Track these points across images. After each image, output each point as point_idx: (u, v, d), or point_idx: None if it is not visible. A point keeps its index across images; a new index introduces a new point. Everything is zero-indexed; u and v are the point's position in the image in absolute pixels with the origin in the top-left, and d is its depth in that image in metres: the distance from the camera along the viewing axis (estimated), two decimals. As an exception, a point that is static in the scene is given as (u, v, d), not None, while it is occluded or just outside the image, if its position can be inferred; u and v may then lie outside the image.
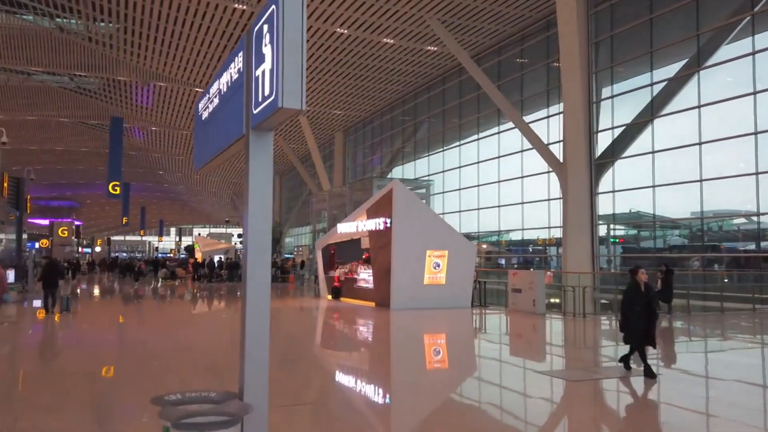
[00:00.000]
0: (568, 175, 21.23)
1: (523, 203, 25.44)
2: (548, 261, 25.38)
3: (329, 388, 8.05)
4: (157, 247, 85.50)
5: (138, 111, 38.63)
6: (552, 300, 20.40)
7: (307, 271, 33.19)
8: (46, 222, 53.25)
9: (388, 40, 26.32)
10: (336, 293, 20.40)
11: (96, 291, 26.19)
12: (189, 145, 45.91)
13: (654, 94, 20.13)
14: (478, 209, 28.24)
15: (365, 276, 18.95)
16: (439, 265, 17.35)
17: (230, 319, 16.46)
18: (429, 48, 27.18)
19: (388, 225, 16.97)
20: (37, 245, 43.68)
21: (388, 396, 7.50)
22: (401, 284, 16.89)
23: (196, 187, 64.67)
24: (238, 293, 25.13)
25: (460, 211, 29.50)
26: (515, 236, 27.42)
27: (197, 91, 33.87)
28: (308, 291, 25.90)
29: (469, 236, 28.71)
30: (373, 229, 17.79)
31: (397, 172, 34.84)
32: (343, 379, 8.70)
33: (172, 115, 38.34)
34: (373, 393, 7.66)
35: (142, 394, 6.60)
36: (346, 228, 19.68)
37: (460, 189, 29.53)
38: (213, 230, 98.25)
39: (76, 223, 58.62)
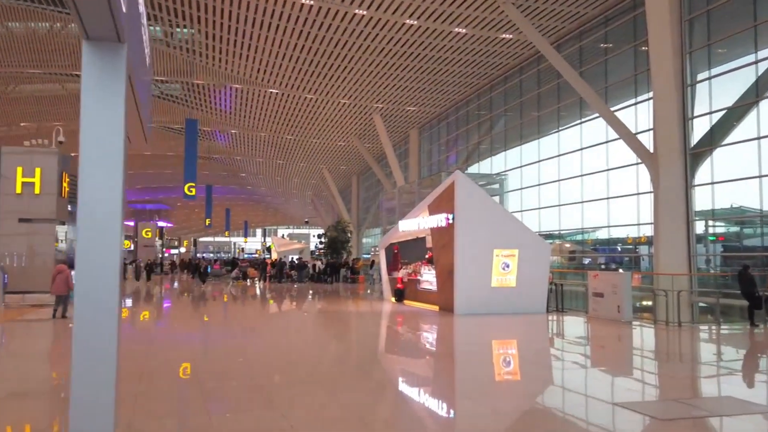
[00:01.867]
0: (660, 166, 19.06)
1: (608, 198, 23.28)
2: (639, 261, 23.06)
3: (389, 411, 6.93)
4: (242, 248, 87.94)
5: (218, 114, 39.42)
6: (642, 303, 18.39)
7: (376, 272, 32.43)
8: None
9: (461, 30, 24.98)
10: (399, 295, 19.27)
11: (159, 291, 26.45)
12: (268, 147, 46.49)
13: (759, 73, 17.58)
14: (559, 206, 26.24)
15: (429, 277, 17.70)
16: (508, 266, 15.81)
17: (287, 321, 15.76)
18: (504, 36, 25.57)
19: (450, 221, 15.64)
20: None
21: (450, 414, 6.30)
22: (466, 287, 15.50)
23: (277, 188, 65.75)
24: (310, 294, 24.69)
25: (539, 208, 27.59)
26: (601, 234, 25.22)
27: (272, 92, 33.99)
28: (375, 292, 24.97)
29: (550, 235, 26.87)
30: (435, 226, 16.51)
31: (473, 169, 33.30)
32: (401, 403, 7.24)
33: (249, 117, 38.82)
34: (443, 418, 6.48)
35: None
36: (407, 225, 18.51)
37: (539, 185, 27.62)
38: (295, 231, 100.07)
39: (160, 224, 61.10)
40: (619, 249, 24.58)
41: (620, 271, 19.67)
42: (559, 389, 7.95)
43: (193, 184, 30.45)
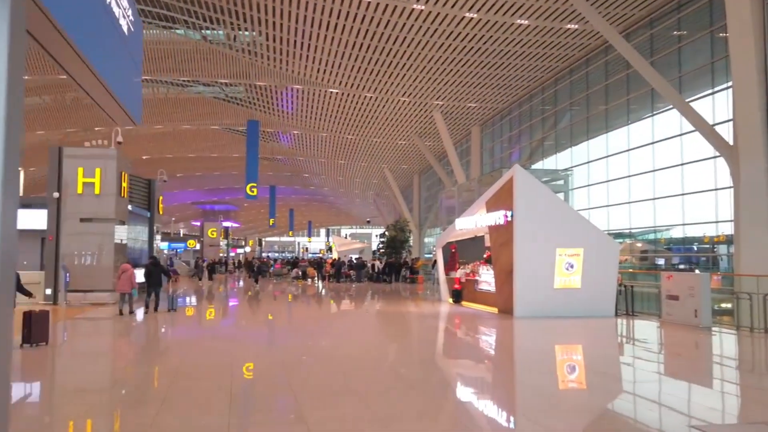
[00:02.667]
0: (741, 159, 17.59)
1: (683, 194, 21.81)
2: (717, 262, 21.48)
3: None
4: (306, 248, 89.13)
5: (281, 116, 39.90)
6: (721, 306, 17.04)
7: (437, 271, 31.86)
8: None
9: (523, 22, 24.06)
10: (456, 296, 18.65)
11: (215, 290, 26.73)
12: (329, 147, 46.72)
13: None
14: (629, 203, 24.86)
15: (487, 278, 17.00)
16: (572, 266, 14.94)
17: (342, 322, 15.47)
18: (569, 26, 24.44)
19: (509, 219, 14.92)
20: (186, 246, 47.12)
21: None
22: (526, 288, 14.74)
23: (340, 188, 66.12)
24: (366, 294, 24.43)
25: (608, 206, 26.26)
26: (676, 233, 23.70)
27: (332, 92, 34.04)
28: (433, 293, 24.38)
29: (620, 234, 25.53)
30: (493, 224, 15.80)
31: (538, 167, 32.17)
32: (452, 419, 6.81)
33: (310, 117, 39.07)
34: None
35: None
36: (464, 224, 17.85)
37: (607, 181, 26.29)
38: (358, 231, 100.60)
39: (225, 224, 62.59)
40: (695, 248, 23.01)
41: (697, 272, 18.32)
42: (628, 404, 7.21)
43: (255, 185, 30.82)
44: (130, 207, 20.00)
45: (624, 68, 24.46)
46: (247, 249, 79.12)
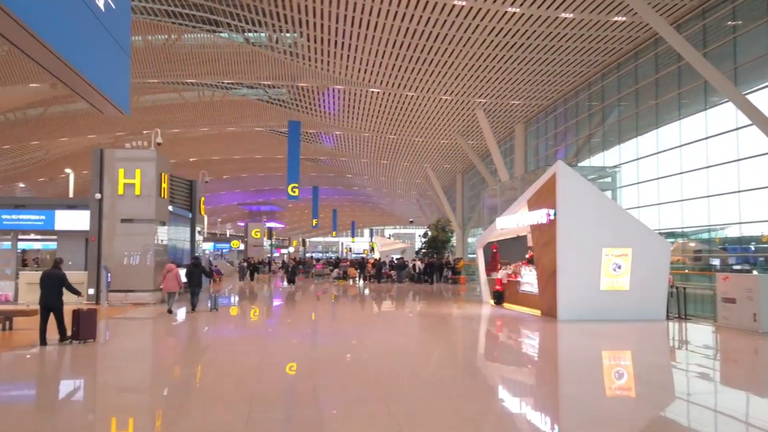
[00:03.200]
0: (803, 153, 16.53)
1: (739, 191, 20.69)
2: (777, 263, 20.30)
3: None
4: (350, 248, 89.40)
5: (323, 116, 40.04)
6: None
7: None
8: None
9: (568, 15, 23.33)
10: (498, 298, 18.14)
11: (254, 291, 26.91)
12: (372, 147, 46.66)
13: None
14: (682, 201, 23.79)
15: (529, 279, 16.44)
16: (620, 267, 14.28)
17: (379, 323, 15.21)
18: (617, 19, 23.57)
19: (552, 217, 14.35)
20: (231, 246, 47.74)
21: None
22: (570, 290, 14.17)
23: (383, 188, 65.99)
24: (406, 295, 24.15)
25: (659, 204, 25.21)
26: (732, 232, 22.53)
27: (373, 91, 33.90)
28: (474, 294, 23.86)
29: (671, 233, 24.48)
30: (535, 223, 15.25)
31: (585, 164, 31.20)
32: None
33: (352, 117, 39.06)
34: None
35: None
36: (505, 223, 17.31)
37: (658, 178, 25.23)
38: (401, 231, 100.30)
39: (269, 225, 63.31)
40: (753, 248, 21.81)
41: (755, 273, 17.29)
42: (681, 418, 6.70)
43: (296, 185, 30.94)
44: (170, 208, 20.23)
45: (675, 61, 23.43)
46: (291, 249, 79.88)
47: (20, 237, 19.40)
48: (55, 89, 34.94)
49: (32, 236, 19.94)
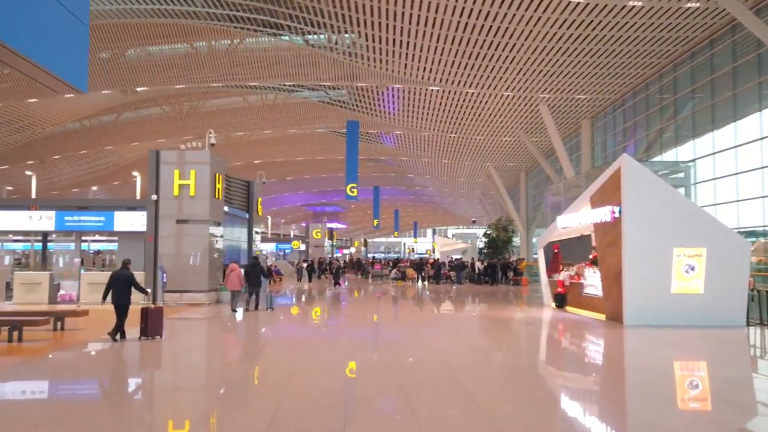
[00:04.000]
0: None
1: (830, 188, 18.97)
2: None
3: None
4: (412, 248, 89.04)
5: (383, 116, 39.92)
6: None
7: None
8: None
9: (636, 3, 22.11)
10: (560, 301, 17.29)
11: (310, 292, 27.04)
12: (432, 146, 46.18)
13: None
14: (764, 197, 22.07)
15: (593, 281, 15.55)
16: (693, 268, 13.25)
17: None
18: (690, 5, 22.13)
19: (617, 215, 13.47)
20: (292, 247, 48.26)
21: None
22: (637, 293, 13.25)
23: (444, 188, 65.31)
24: (464, 296, 23.57)
25: (737, 201, 23.52)
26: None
27: (433, 90, 33.46)
28: (536, 296, 22.94)
29: (752, 232, 22.78)
30: (599, 221, 14.38)
31: (657, 160, 29.61)
32: None
33: (412, 116, 38.75)
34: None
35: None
36: (567, 221, 16.47)
37: (737, 173, 23.55)
38: (465, 231, 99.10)
39: (331, 225, 63.75)
40: None
41: None
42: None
43: (355, 185, 30.88)
44: (226, 208, 20.45)
45: (754, 48, 21.77)
46: (352, 250, 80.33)
47: (83, 238, 20.12)
48: (125, 96, 36.40)
49: (97, 237, 20.68)
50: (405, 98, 35.58)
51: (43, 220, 18.86)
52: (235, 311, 16.70)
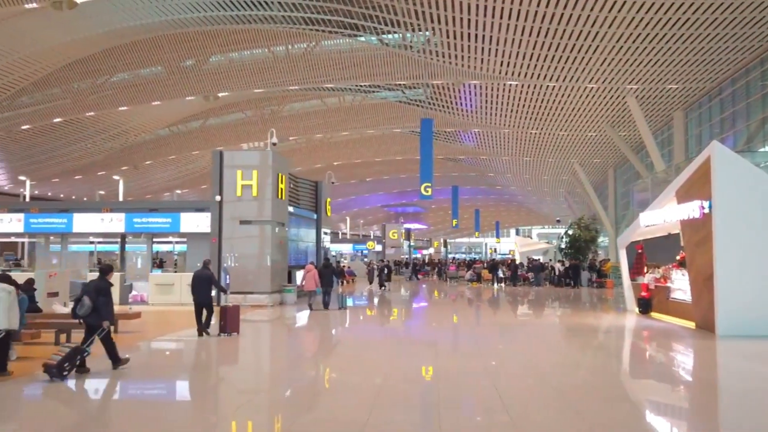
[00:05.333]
0: None
1: None
2: None
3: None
4: (494, 249, 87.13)
5: (461, 114, 39.17)
6: None
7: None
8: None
9: (735, -19, 20.22)
10: (644, 306, 15.91)
11: (381, 293, 26.84)
12: (512, 143, 44.85)
13: None
14: None
15: (681, 284, 14.14)
16: (798, 271, 11.70)
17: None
18: (797, -20, 19.97)
19: (706, 210, 12.11)
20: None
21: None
22: (732, 298, 11.85)
23: (527, 187, 63.37)
24: (541, 300, 22.39)
25: None
26: None
27: (511, 84, 32.34)
28: (620, 300, 21.31)
29: None
30: (686, 217, 13.01)
31: (762, 151, 27.04)
32: None
33: (490, 113, 37.73)
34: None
35: None
36: (650, 218, 15.10)
37: None
38: (550, 230, 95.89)
39: (409, 226, 63.29)
40: None
41: None
42: None
43: (429, 184, 30.35)
44: (291, 209, 20.45)
45: None
46: (431, 251, 79.63)
47: (155, 240, 20.75)
48: (207, 101, 37.71)
49: (170, 239, 21.30)
50: (483, 95, 34.62)
51: (114, 222, 19.64)
52: (311, 309, 17.68)
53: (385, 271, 29.02)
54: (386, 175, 61.80)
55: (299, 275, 20.96)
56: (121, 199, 43.64)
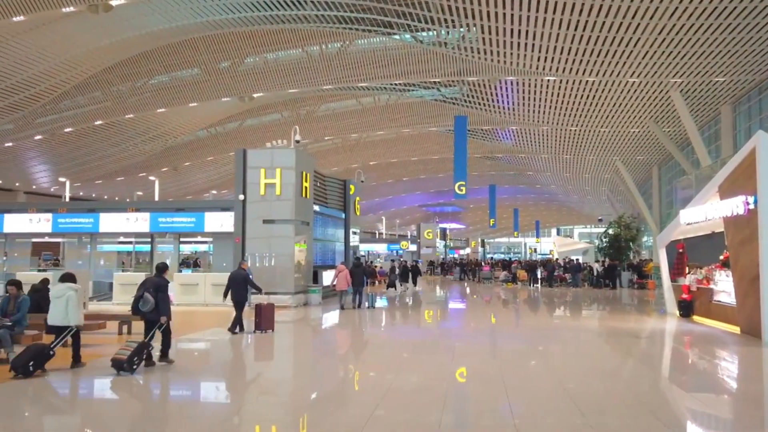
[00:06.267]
0: None
1: None
2: None
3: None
4: (534, 249, 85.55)
5: (497, 112, 38.49)
6: None
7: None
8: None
9: (785, -35, 19.13)
10: (685, 309, 15.06)
11: (408, 294, 26.61)
12: (551, 141, 43.85)
13: None
14: None
15: (725, 286, 13.30)
16: None
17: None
18: None
19: (751, 206, 11.30)
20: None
21: None
22: (780, 301, 11.04)
23: (568, 185, 61.95)
24: (577, 302, 21.60)
25: None
26: None
27: (549, 80, 31.53)
28: (661, 302, 20.32)
29: None
30: (729, 214, 12.19)
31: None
32: None
33: (528, 110, 36.94)
34: None
35: None
36: (691, 216, 14.27)
37: None
38: (593, 230, 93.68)
39: (442, 225, 62.58)
40: None
41: None
42: None
43: (463, 183, 29.82)
44: (317, 208, 20.16)
45: None
46: (468, 250, 78.74)
47: (182, 240, 20.77)
48: (242, 102, 38.02)
49: (198, 238, 21.32)
50: (520, 91, 33.87)
51: (139, 222, 19.74)
52: (342, 309, 18.08)
53: (396, 271, 28.18)
54: (423, 174, 61.40)
55: (326, 275, 20.77)
56: (156, 199, 44.55)
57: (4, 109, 31.81)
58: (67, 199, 42.96)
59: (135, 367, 8.89)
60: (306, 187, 18.81)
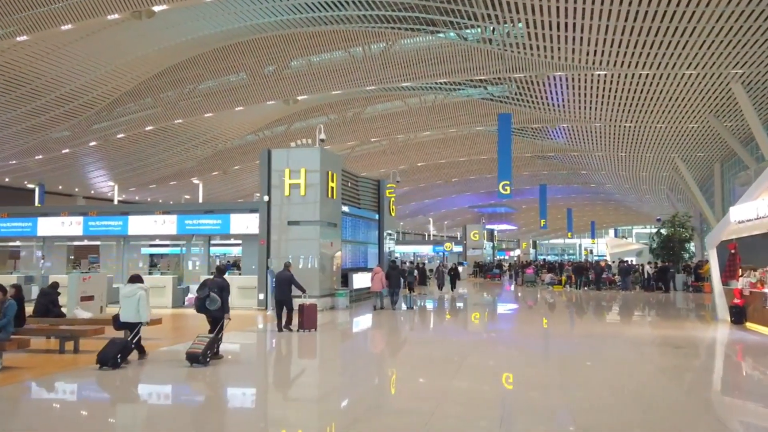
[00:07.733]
0: None
1: None
2: None
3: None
4: (590, 250, 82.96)
5: (547, 109, 37.45)
6: None
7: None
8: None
9: None
10: (737, 315, 13.98)
11: (446, 297, 26.26)
12: (605, 138, 42.32)
13: None
14: None
15: (782, 290, 12.22)
16: None
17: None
18: None
19: (806, 206, 10.30)
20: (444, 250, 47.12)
21: None
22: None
23: (624, 184, 59.73)
24: (627, 306, 20.51)
25: None
26: None
27: (600, 74, 30.35)
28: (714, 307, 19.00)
29: None
30: (783, 213, 11.19)
31: None
32: None
33: (578, 107, 35.72)
34: None
35: None
36: (741, 213, 13.24)
37: None
38: (652, 230, 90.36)
39: (489, 226, 61.30)
40: None
41: None
42: None
43: (508, 182, 28.99)
44: (346, 208, 19.87)
45: None
46: (518, 252, 77.09)
47: (212, 242, 20.83)
48: (287, 105, 38.33)
49: (232, 241, 21.41)
50: (570, 87, 32.75)
51: (167, 224, 19.94)
52: (375, 309, 18.72)
53: (413, 273, 27.17)
54: (472, 175, 60.55)
55: (356, 278, 20.57)
56: (200, 201, 45.50)
57: (60, 116, 33.18)
58: (116, 202, 44.44)
59: (208, 359, 9.98)
60: (332, 188, 18.47)
